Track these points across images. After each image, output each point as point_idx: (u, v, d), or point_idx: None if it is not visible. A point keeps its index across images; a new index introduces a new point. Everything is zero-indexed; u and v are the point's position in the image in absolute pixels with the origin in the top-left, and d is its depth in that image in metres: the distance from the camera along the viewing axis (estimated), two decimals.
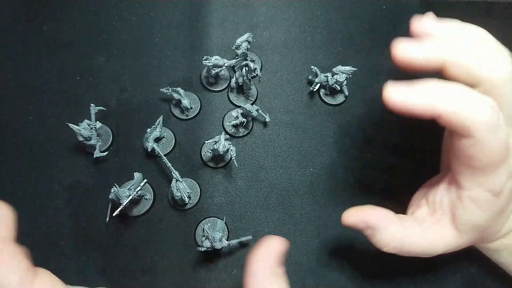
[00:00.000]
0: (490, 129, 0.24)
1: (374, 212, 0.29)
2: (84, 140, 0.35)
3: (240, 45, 0.35)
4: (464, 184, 0.27)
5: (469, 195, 0.27)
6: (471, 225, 0.28)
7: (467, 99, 0.24)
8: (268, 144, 0.39)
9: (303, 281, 0.36)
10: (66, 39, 0.41)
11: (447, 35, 0.27)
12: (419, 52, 0.26)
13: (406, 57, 0.26)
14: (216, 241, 0.32)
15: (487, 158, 0.25)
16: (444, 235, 0.29)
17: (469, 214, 0.28)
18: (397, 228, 0.29)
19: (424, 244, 0.29)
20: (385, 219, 0.29)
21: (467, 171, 0.26)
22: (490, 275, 0.36)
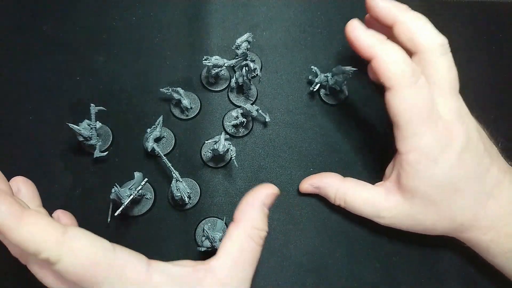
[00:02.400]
0: (408, 83, 0.29)
1: (318, 175, 0.36)
2: (84, 140, 0.35)
3: (240, 45, 0.35)
4: (401, 149, 0.31)
5: (406, 159, 0.30)
6: (413, 191, 0.31)
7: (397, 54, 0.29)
8: (268, 144, 0.39)
9: (303, 281, 0.36)
10: (66, 39, 0.41)
11: None
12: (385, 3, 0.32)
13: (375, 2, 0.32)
14: (216, 241, 0.32)
15: (407, 112, 0.29)
16: (389, 199, 0.32)
17: (408, 178, 0.31)
18: (338, 184, 0.35)
19: (366, 201, 0.33)
20: (325, 178, 0.36)
21: (398, 133, 0.30)
22: (490, 275, 0.36)
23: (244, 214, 0.28)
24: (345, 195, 0.34)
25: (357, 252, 0.37)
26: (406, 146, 0.30)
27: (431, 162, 0.30)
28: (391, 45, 0.30)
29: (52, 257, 0.23)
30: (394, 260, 0.37)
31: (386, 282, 0.36)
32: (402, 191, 0.32)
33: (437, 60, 0.31)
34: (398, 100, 0.29)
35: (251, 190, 0.29)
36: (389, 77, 0.29)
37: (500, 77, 0.42)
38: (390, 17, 0.32)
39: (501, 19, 0.44)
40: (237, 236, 0.27)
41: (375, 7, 0.32)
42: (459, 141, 0.30)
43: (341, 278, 0.36)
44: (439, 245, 0.37)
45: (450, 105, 0.31)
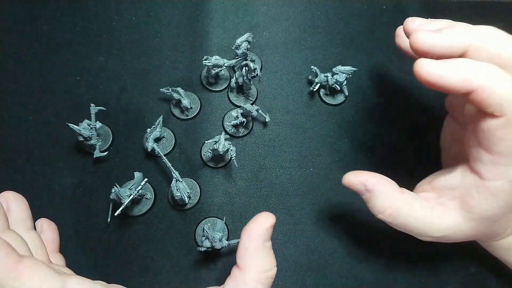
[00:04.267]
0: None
1: (374, 176, 0.30)
2: (84, 140, 0.35)
3: (240, 45, 0.35)
4: (486, 174, 0.26)
5: (489, 185, 0.26)
6: (483, 214, 0.27)
7: (502, 76, 0.24)
8: (268, 144, 0.39)
9: (303, 281, 0.36)
10: (66, 39, 0.41)
11: None
12: (441, 38, 0.25)
13: (427, 43, 0.25)
14: (216, 241, 0.32)
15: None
16: (447, 218, 0.28)
17: (483, 204, 0.27)
18: (395, 196, 0.29)
19: (420, 220, 0.28)
20: (383, 185, 0.29)
21: (490, 159, 0.26)
22: (490, 275, 0.36)
23: (247, 260, 0.26)
24: (400, 211, 0.29)
25: (357, 252, 0.37)
26: (496, 174, 0.26)
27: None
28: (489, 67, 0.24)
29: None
30: (394, 260, 0.37)
31: (386, 282, 0.36)
32: (466, 211, 0.28)
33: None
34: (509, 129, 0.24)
35: (247, 226, 0.27)
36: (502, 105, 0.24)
37: None
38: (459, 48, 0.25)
39: (501, 19, 0.44)
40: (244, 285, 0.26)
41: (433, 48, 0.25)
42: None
43: (341, 278, 0.36)
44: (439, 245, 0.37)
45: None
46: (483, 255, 0.34)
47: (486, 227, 0.29)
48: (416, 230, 0.29)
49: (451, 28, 0.26)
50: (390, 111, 0.41)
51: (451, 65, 0.24)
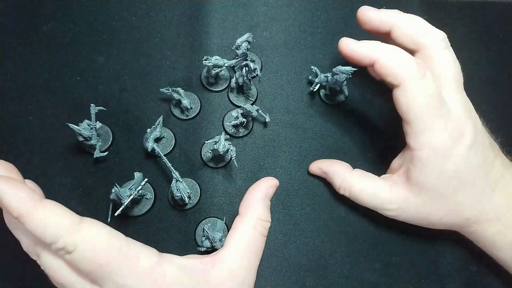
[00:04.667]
0: (415, 78, 0.29)
1: (328, 161, 0.37)
2: (84, 140, 0.35)
3: (240, 45, 0.35)
4: (412, 145, 0.31)
5: (417, 155, 0.30)
6: (421, 185, 0.31)
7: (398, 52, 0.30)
8: (268, 144, 0.39)
9: (303, 281, 0.36)
10: (66, 39, 0.41)
11: None
12: (376, 13, 0.33)
13: (366, 15, 0.33)
14: (216, 241, 0.32)
15: (417, 107, 0.29)
16: (395, 191, 0.33)
17: (418, 173, 0.31)
18: (346, 174, 0.35)
19: (372, 193, 0.33)
20: (335, 166, 0.36)
21: (409, 129, 0.30)
22: (490, 275, 0.36)
23: (248, 207, 0.30)
24: (351, 186, 0.34)
25: (357, 252, 0.37)
26: (417, 142, 0.30)
27: (442, 157, 0.30)
28: (389, 46, 0.30)
29: (68, 245, 0.24)
30: (394, 260, 0.37)
31: (386, 282, 0.36)
32: (410, 184, 0.32)
33: (440, 55, 0.31)
34: (408, 96, 0.29)
35: (254, 184, 0.32)
36: (395, 74, 0.29)
37: (500, 77, 0.42)
38: (386, 24, 0.33)
39: (501, 19, 0.44)
40: (243, 228, 0.29)
41: (369, 19, 0.33)
42: (468, 136, 0.30)
43: (341, 278, 0.36)
44: (439, 245, 0.37)
45: (456, 99, 0.31)
46: (482, 254, 0.34)
47: (438, 205, 0.31)
48: (370, 202, 0.34)
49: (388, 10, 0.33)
50: (390, 111, 0.40)
51: (362, 43, 0.31)
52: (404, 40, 0.32)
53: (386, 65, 0.30)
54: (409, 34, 0.32)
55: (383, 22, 0.33)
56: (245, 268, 0.28)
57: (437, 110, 0.29)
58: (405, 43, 0.32)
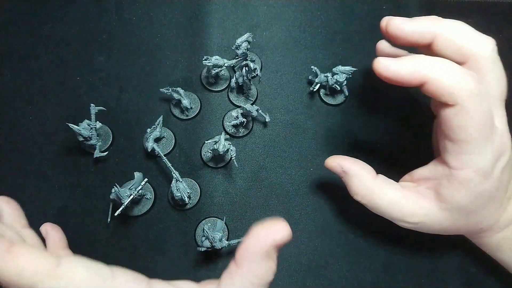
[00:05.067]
0: (473, 96, 0.26)
1: (351, 160, 0.32)
2: (84, 140, 0.35)
3: (240, 45, 0.35)
4: (453, 164, 0.28)
5: (457, 174, 0.28)
6: (455, 204, 0.29)
7: (451, 67, 0.26)
8: (268, 144, 0.39)
9: (303, 281, 0.36)
10: (66, 39, 0.41)
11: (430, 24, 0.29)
12: (413, 25, 0.28)
13: (400, 29, 0.29)
14: (216, 241, 0.32)
15: (472, 127, 0.26)
16: (421, 205, 0.30)
17: (454, 193, 0.28)
18: (369, 180, 0.31)
19: (394, 204, 0.30)
20: (358, 168, 0.32)
21: (454, 148, 0.27)
22: (490, 275, 0.36)
23: (245, 260, 0.25)
24: (373, 194, 0.31)
25: (357, 252, 0.37)
26: (460, 162, 0.27)
27: (483, 178, 0.28)
28: (439, 60, 0.27)
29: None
30: (394, 260, 0.37)
31: (386, 282, 0.36)
32: (440, 201, 0.29)
33: (491, 68, 0.28)
34: (463, 116, 0.26)
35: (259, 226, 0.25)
36: (451, 94, 0.26)
37: None
38: (428, 35, 0.28)
39: (501, 19, 0.44)
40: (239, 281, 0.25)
41: (404, 33, 0.29)
42: (508, 154, 0.28)
43: (341, 278, 0.36)
44: (439, 245, 0.37)
45: (500, 114, 0.29)
46: (483, 255, 0.34)
47: (463, 219, 0.30)
48: (390, 213, 0.31)
49: (423, 18, 0.29)
50: (390, 111, 0.40)
51: (404, 60, 0.26)
52: (449, 52, 0.28)
53: (440, 85, 0.26)
54: (456, 44, 0.28)
55: (423, 34, 0.28)
56: None
57: (489, 130, 0.27)
58: (450, 55, 0.28)
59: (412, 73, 0.26)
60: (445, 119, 0.27)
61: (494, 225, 0.31)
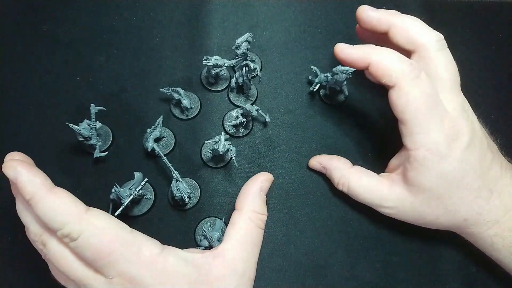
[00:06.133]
0: (409, 78, 0.29)
1: (328, 156, 0.37)
2: (84, 140, 0.35)
3: (240, 45, 0.35)
4: (408, 145, 0.31)
5: (413, 155, 0.31)
6: (420, 185, 0.31)
7: (390, 53, 0.30)
8: (268, 144, 0.39)
9: (303, 281, 0.36)
10: (66, 39, 0.41)
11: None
12: (375, 13, 0.33)
13: (364, 14, 0.34)
14: (214, 241, 0.32)
15: (412, 106, 0.29)
16: (393, 189, 0.33)
17: (415, 173, 0.31)
18: (346, 170, 0.35)
19: (369, 190, 0.34)
20: (335, 161, 0.36)
21: (405, 129, 0.30)
22: (490, 275, 0.36)
23: (244, 201, 0.31)
24: (350, 181, 0.35)
25: (357, 252, 0.37)
26: (413, 142, 0.30)
27: (439, 158, 0.30)
28: (382, 48, 0.31)
29: (73, 232, 0.25)
30: (394, 260, 0.37)
31: (386, 282, 0.36)
32: (407, 184, 0.32)
33: (436, 56, 0.31)
34: (402, 96, 0.30)
35: (249, 179, 0.33)
36: (390, 75, 0.30)
37: (500, 77, 0.42)
38: (384, 23, 0.33)
39: (501, 19, 0.44)
40: (240, 222, 0.30)
41: (367, 18, 0.34)
42: (465, 136, 0.30)
43: (341, 278, 0.36)
44: (439, 245, 0.37)
45: (453, 100, 0.31)
46: (483, 255, 0.34)
47: (436, 205, 0.31)
48: (368, 199, 0.34)
49: (386, 10, 0.33)
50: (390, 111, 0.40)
51: (356, 47, 0.32)
52: (401, 41, 0.33)
53: (380, 66, 0.30)
54: (406, 34, 0.32)
55: (381, 22, 0.33)
56: (245, 260, 0.29)
57: (432, 110, 0.30)
58: (402, 44, 0.33)
59: (359, 56, 0.31)
60: (391, 101, 0.31)
61: (480, 218, 0.31)
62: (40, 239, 0.27)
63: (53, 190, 0.26)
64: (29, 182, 0.25)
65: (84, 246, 0.25)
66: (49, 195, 0.25)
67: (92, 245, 0.25)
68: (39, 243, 0.27)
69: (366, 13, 0.34)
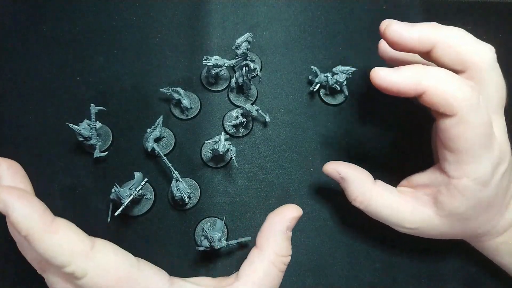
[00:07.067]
0: (472, 107, 0.25)
1: (349, 166, 0.32)
2: (84, 140, 0.35)
3: (240, 45, 0.35)
4: (451, 173, 0.28)
5: (455, 183, 0.28)
6: (453, 211, 0.29)
7: (450, 78, 0.26)
8: (268, 144, 0.39)
9: (303, 281, 0.36)
10: (66, 39, 0.41)
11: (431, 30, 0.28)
12: (412, 32, 0.27)
13: (398, 35, 0.27)
14: (215, 241, 0.32)
15: (471, 138, 0.26)
16: (419, 211, 0.30)
17: (452, 201, 0.28)
18: (366, 185, 0.31)
19: (391, 209, 0.30)
20: (356, 174, 0.31)
21: (453, 157, 0.27)
22: (490, 275, 0.36)
23: (267, 241, 0.28)
24: (371, 199, 0.31)
25: (357, 252, 0.37)
26: (459, 171, 0.27)
27: (482, 187, 0.27)
28: (438, 71, 0.26)
29: (79, 271, 0.23)
30: (394, 260, 0.37)
31: (386, 282, 0.36)
32: (438, 208, 0.29)
33: (489, 76, 0.28)
34: (462, 127, 0.26)
35: (274, 211, 0.29)
36: (450, 105, 0.25)
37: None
38: (427, 43, 0.27)
39: (501, 19, 0.44)
40: (260, 263, 0.27)
41: (403, 38, 0.27)
42: (507, 161, 0.28)
43: (341, 278, 0.36)
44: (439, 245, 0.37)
45: (500, 122, 0.29)
46: (483, 256, 0.34)
47: (461, 225, 0.30)
48: (388, 219, 0.31)
49: (423, 24, 0.28)
50: (390, 111, 0.41)
51: (402, 70, 0.26)
52: (448, 60, 0.28)
53: (440, 96, 0.25)
54: (455, 53, 0.27)
55: (422, 42, 0.27)
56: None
57: (487, 139, 0.26)
58: (449, 63, 0.28)
59: (410, 84, 0.26)
60: (444, 129, 0.26)
61: (492, 230, 0.31)
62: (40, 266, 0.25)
63: (53, 224, 0.23)
64: (24, 217, 0.22)
65: (89, 285, 0.23)
66: (48, 232, 0.22)
67: (98, 285, 0.23)
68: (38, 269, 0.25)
69: (399, 33, 0.27)
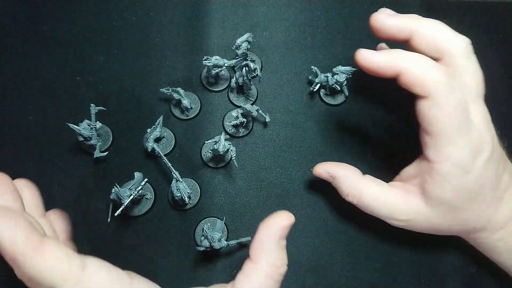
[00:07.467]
0: (445, 89, 0.27)
1: (337, 164, 0.34)
2: (84, 140, 0.35)
3: (240, 45, 0.35)
4: (431, 157, 0.29)
5: (436, 168, 0.29)
6: (439, 199, 0.30)
7: (423, 60, 0.28)
8: (268, 144, 0.39)
9: (303, 281, 0.36)
10: (66, 39, 0.41)
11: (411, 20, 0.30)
12: (393, 20, 0.30)
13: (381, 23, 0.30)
14: (215, 241, 0.32)
15: (444, 119, 0.27)
16: (409, 202, 0.31)
17: (437, 188, 0.29)
18: (356, 180, 0.32)
19: (382, 202, 0.31)
20: (345, 171, 0.33)
21: (431, 141, 0.29)
22: (490, 275, 0.36)
23: (260, 253, 0.27)
24: (361, 193, 0.32)
25: (357, 252, 0.37)
26: (438, 155, 0.29)
27: (463, 172, 0.28)
28: (414, 54, 0.28)
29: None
30: (394, 260, 0.37)
31: (386, 282, 0.36)
32: (425, 196, 0.30)
33: (464, 63, 0.29)
34: (436, 107, 0.27)
35: (265, 221, 0.28)
36: (424, 85, 0.27)
37: (500, 77, 0.42)
38: (405, 31, 0.30)
39: (501, 19, 0.44)
40: (256, 277, 0.26)
41: (384, 27, 0.30)
42: (488, 149, 0.29)
43: (341, 278, 0.36)
44: (439, 245, 0.37)
45: (479, 111, 0.30)
46: (483, 255, 0.34)
47: (451, 216, 0.30)
48: (380, 211, 0.32)
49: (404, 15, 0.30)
50: (390, 111, 0.40)
51: (383, 54, 0.28)
52: (425, 48, 0.30)
53: (414, 76, 0.28)
54: (432, 42, 0.29)
55: (401, 29, 0.30)
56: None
57: (462, 123, 0.28)
58: (426, 51, 0.30)
59: (388, 65, 0.28)
60: (420, 111, 0.28)
61: (488, 225, 0.31)
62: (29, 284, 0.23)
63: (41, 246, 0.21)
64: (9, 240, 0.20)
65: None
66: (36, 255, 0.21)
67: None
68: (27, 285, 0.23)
69: (383, 21, 0.30)
